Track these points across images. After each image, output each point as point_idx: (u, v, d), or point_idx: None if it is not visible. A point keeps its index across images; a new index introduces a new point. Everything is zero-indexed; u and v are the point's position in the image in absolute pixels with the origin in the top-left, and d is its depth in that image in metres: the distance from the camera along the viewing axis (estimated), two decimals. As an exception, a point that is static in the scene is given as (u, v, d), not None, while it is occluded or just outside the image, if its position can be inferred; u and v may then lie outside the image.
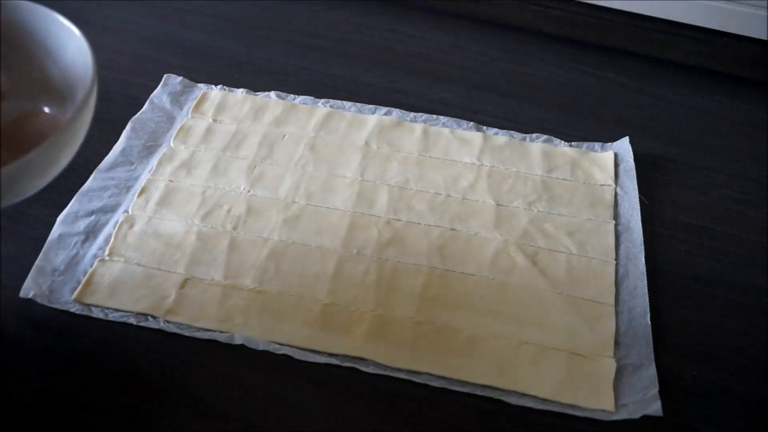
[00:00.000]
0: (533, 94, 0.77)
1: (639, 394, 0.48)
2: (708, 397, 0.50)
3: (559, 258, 0.57)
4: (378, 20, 0.86)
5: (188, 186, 0.61)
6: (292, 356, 0.50)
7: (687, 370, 0.51)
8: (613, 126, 0.73)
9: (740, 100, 0.78)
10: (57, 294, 0.52)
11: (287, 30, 0.84)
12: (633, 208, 0.62)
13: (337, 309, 0.53)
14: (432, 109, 0.71)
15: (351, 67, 0.78)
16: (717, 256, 0.60)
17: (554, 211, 0.61)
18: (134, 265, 0.55)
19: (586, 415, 0.47)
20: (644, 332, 0.52)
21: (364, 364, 0.50)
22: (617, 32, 0.82)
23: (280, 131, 0.67)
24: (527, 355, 0.51)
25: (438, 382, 0.49)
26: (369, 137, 0.67)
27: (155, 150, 0.65)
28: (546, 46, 0.84)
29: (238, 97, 0.71)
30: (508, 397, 0.48)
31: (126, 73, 0.74)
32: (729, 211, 0.64)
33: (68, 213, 0.58)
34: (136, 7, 0.85)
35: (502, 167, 0.65)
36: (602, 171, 0.65)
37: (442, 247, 0.57)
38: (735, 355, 0.52)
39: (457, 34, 0.85)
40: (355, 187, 0.62)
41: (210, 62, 0.77)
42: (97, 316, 0.51)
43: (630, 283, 0.56)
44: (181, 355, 0.50)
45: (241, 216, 0.59)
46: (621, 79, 0.80)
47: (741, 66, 0.80)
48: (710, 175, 0.68)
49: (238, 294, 0.53)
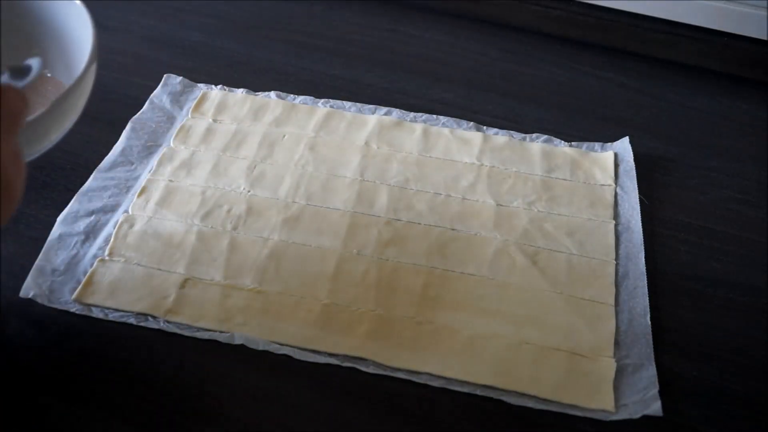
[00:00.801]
0: (533, 94, 0.77)
1: (639, 394, 0.48)
2: (708, 397, 0.50)
3: (559, 258, 0.57)
4: (378, 20, 0.86)
5: (188, 186, 0.61)
6: (292, 356, 0.50)
7: (687, 370, 0.51)
8: (613, 126, 0.73)
9: (740, 100, 0.78)
10: (57, 294, 0.52)
11: (287, 30, 0.84)
12: (633, 208, 0.62)
13: (337, 309, 0.53)
14: (432, 109, 0.71)
15: (351, 67, 0.78)
16: (717, 256, 0.60)
17: (554, 211, 0.61)
18: (134, 265, 0.55)
19: (586, 415, 0.47)
20: (644, 332, 0.52)
21: (364, 364, 0.50)
22: (617, 32, 0.82)
23: (280, 131, 0.67)
24: (527, 355, 0.51)
25: (438, 382, 0.49)
26: (369, 137, 0.67)
27: (155, 150, 0.65)
28: (546, 46, 0.84)
29: (238, 97, 0.71)
30: (508, 397, 0.48)
31: (126, 73, 0.74)
32: (729, 211, 0.64)
33: (68, 213, 0.58)
34: (136, 7, 0.85)
35: (502, 167, 0.65)
36: (602, 171, 0.65)
37: (442, 247, 0.57)
38: (735, 355, 0.52)
39: (457, 34, 0.85)
40: (355, 187, 0.62)
41: (210, 62, 0.77)
42: (97, 316, 0.51)
43: (630, 283, 0.56)
44: (181, 355, 0.50)
45: (241, 216, 0.59)
46: (621, 79, 0.80)
47: (741, 66, 0.80)
48: (710, 175, 0.68)
49: (238, 294, 0.53)
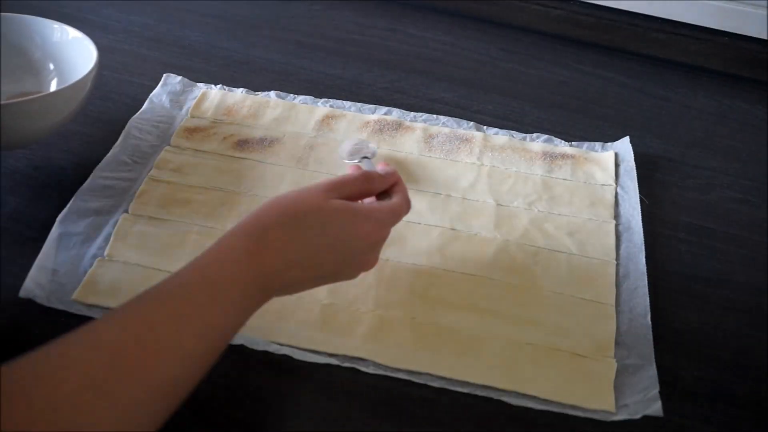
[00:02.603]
0: (533, 93, 0.77)
1: (639, 394, 0.48)
2: (708, 397, 0.49)
3: (559, 258, 0.57)
4: (378, 20, 0.86)
5: (188, 186, 0.61)
6: (292, 356, 0.50)
7: (687, 370, 0.51)
8: (613, 126, 0.73)
9: (740, 100, 0.78)
10: (57, 294, 0.52)
11: (287, 30, 0.84)
12: (633, 208, 0.62)
13: (337, 309, 0.53)
14: (432, 109, 0.71)
15: (351, 67, 0.78)
16: (717, 256, 0.60)
17: (554, 211, 0.61)
18: (134, 265, 0.54)
19: (587, 415, 0.47)
20: (645, 332, 0.52)
21: (364, 364, 0.50)
22: (617, 32, 0.83)
23: (280, 131, 0.67)
24: (527, 355, 0.51)
25: (438, 382, 0.49)
26: (369, 137, 0.67)
27: (155, 150, 0.64)
28: (546, 46, 0.84)
29: (237, 96, 0.71)
30: (508, 397, 0.48)
31: (126, 73, 0.74)
32: (729, 211, 0.64)
33: (68, 213, 0.57)
34: (136, 7, 0.85)
35: (502, 167, 0.65)
36: (603, 171, 0.65)
37: (442, 247, 0.57)
38: (735, 355, 0.52)
39: (457, 34, 0.85)
40: (355, 187, 0.62)
41: (210, 62, 0.77)
42: (97, 316, 0.51)
43: (630, 283, 0.56)
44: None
45: (241, 216, 0.58)
46: (621, 79, 0.80)
47: (741, 66, 0.80)
48: (710, 175, 0.68)
49: (238, 294, 0.53)
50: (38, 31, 0.64)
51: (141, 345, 0.36)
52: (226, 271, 0.41)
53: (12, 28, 0.63)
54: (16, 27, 0.63)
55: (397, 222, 0.50)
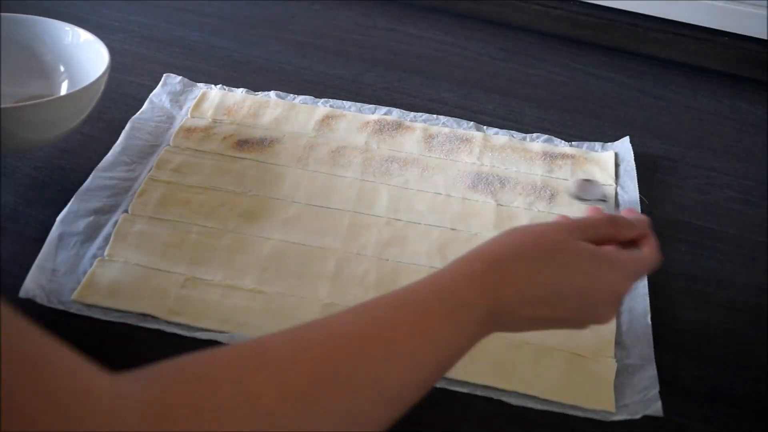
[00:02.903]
0: (533, 94, 0.77)
1: (639, 394, 0.48)
2: (708, 397, 0.49)
3: (559, 258, 0.57)
4: (378, 20, 0.86)
5: (188, 186, 0.61)
6: (292, 356, 0.50)
7: (687, 370, 0.51)
8: (613, 126, 0.73)
9: (740, 100, 0.78)
10: (57, 294, 0.52)
11: (287, 30, 0.84)
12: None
13: (338, 309, 0.52)
14: (432, 109, 0.71)
15: (351, 67, 0.78)
16: (717, 256, 0.60)
17: (555, 211, 0.61)
18: (134, 265, 0.54)
19: (587, 415, 0.47)
20: (644, 332, 0.52)
21: (364, 364, 0.49)
22: (617, 32, 0.83)
23: (280, 131, 0.67)
24: (527, 355, 0.51)
25: (438, 383, 0.49)
26: (369, 137, 0.67)
27: (155, 150, 0.64)
28: (546, 46, 0.84)
29: (237, 96, 0.71)
30: (508, 397, 0.48)
31: (126, 73, 0.74)
32: (729, 211, 0.64)
33: (68, 213, 0.57)
34: (136, 7, 0.85)
35: (503, 167, 0.65)
36: (603, 171, 0.65)
37: (442, 247, 0.57)
38: (735, 355, 0.52)
39: (457, 34, 0.85)
40: (355, 187, 0.62)
41: (210, 62, 0.77)
42: (97, 316, 0.51)
43: (630, 283, 0.56)
44: (181, 355, 0.50)
45: (242, 216, 0.59)
46: (621, 79, 0.80)
47: (741, 66, 0.80)
48: (710, 175, 0.68)
49: (238, 294, 0.53)
50: (49, 32, 0.63)
51: (379, 342, 0.35)
52: (461, 292, 0.39)
53: (22, 29, 0.63)
54: (27, 29, 0.63)
55: (642, 275, 0.47)
